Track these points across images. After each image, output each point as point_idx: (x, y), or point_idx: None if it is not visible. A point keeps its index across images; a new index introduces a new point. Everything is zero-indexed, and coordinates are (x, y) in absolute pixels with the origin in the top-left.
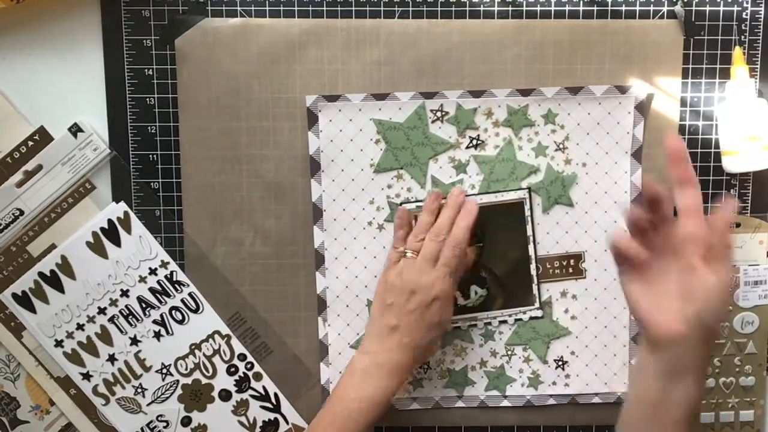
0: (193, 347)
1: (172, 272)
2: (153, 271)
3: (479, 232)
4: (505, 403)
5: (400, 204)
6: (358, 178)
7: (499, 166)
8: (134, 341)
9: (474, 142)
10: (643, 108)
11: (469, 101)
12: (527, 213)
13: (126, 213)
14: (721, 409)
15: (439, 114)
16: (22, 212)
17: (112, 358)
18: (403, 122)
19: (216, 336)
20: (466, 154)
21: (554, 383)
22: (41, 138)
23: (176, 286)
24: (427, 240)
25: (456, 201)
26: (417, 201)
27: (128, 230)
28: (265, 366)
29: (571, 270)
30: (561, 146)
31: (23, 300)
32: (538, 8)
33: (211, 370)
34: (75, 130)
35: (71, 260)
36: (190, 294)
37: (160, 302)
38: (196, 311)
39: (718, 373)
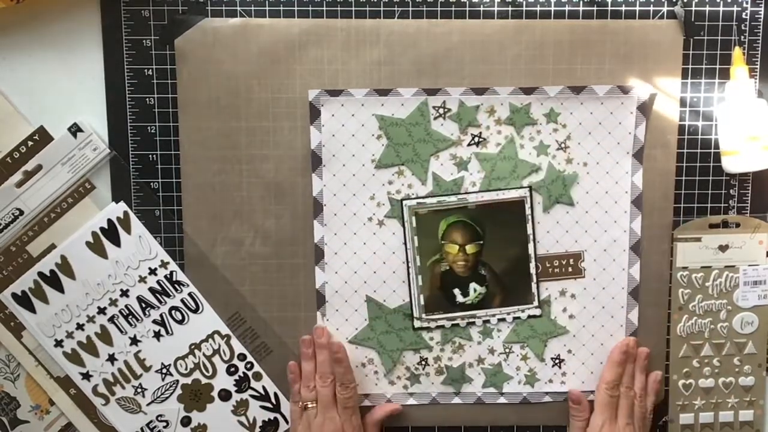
0: (192, 347)
1: (171, 272)
2: (153, 271)
3: (480, 229)
4: (502, 400)
5: (401, 200)
6: (359, 173)
7: (500, 164)
8: (134, 341)
9: (476, 139)
10: (645, 108)
11: (471, 98)
12: (528, 211)
13: (126, 213)
14: (720, 409)
15: (441, 111)
16: (21, 212)
17: (111, 358)
18: (405, 118)
19: (216, 336)
20: (468, 152)
21: (551, 381)
22: (41, 138)
23: (176, 286)
24: (319, 387)
25: (322, 342)
26: (418, 198)
27: (128, 230)
28: (265, 366)
29: (570, 269)
30: (562, 145)
31: (23, 300)
32: (538, 8)
33: (210, 369)
34: (75, 130)
35: (71, 260)
36: (189, 294)
37: (160, 302)
38: (195, 311)
39: (718, 373)
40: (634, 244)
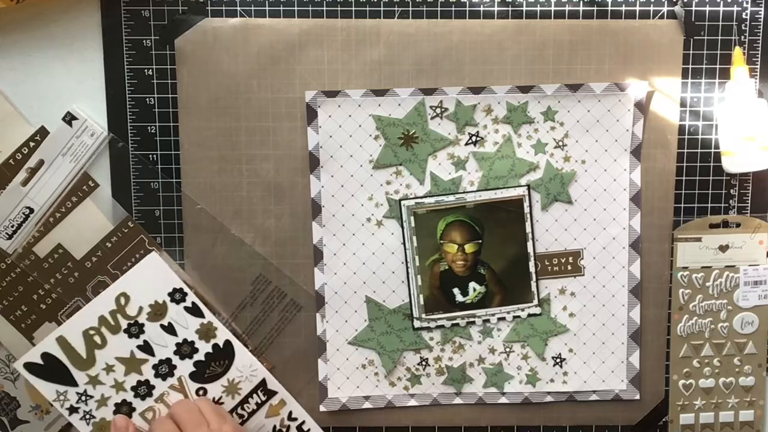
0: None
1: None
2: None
3: (478, 228)
4: (503, 400)
5: (399, 200)
6: (357, 174)
7: (498, 163)
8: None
9: (473, 138)
10: (642, 106)
11: (468, 97)
12: (526, 210)
13: None
14: (721, 409)
15: (438, 110)
16: (32, 210)
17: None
18: (402, 118)
19: None
20: (465, 151)
21: (552, 380)
22: (42, 138)
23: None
24: None
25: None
26: (416, 198)
27: None
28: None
29: (569, 267)
30: (560, 143)
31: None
32: (538, 8)
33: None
34: (69, 119)
35: None
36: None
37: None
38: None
39: (718, 373)
40: (633, 242)
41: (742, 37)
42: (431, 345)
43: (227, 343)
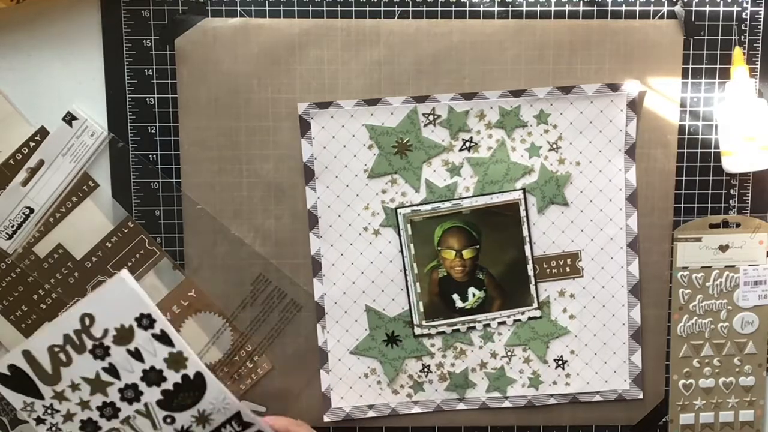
0: None
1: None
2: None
3: (475, 234)
4: (507, 404)
5: (396, 209)
6: (353, 183)
7: (493, 168)
8: None
9: (467, 144)
10: (635, 105)
11: (460, 104)
12: (522, 214)
13: None
14: (721, 409)
15: (431, 117)
16: (32, 210)
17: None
18: (395, 127)
19: None
20: (460, 157)
21: (555, 383)
22: (42, 138)
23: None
24: None
25: None
26: (412, 205)
27: None
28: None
29: (568, 269)
30: (554, 146)
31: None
32: (538, 8)
33: None
34: (69, 119)
35: None
36: None
37: None
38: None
39: (718, 373)
40: (631, 241)
41: (742, 37)
42: (433, 352)
43: (198, 375)
